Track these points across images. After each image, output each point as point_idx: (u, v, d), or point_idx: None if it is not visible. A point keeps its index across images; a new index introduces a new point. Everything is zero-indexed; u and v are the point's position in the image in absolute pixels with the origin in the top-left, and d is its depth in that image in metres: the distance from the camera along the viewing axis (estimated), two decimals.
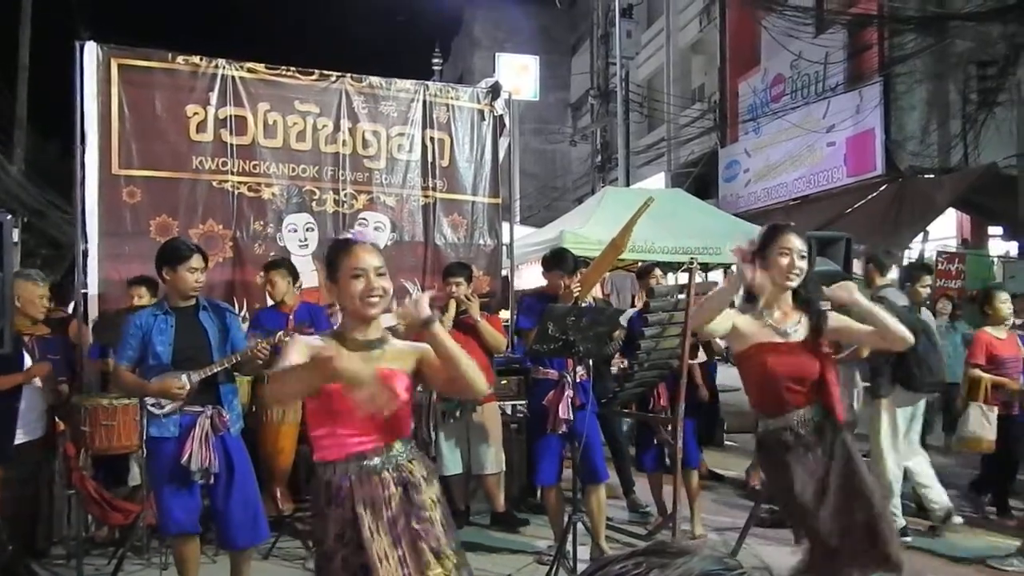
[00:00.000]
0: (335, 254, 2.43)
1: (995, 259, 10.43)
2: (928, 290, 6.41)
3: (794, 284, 3.02)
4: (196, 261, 3.91)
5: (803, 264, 3.01)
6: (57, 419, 4.72)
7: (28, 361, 4.41)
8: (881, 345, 3.26)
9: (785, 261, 2.99)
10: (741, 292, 3.10)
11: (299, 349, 2.33)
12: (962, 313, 8.47)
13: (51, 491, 4.85)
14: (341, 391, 2.24)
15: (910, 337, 3.10)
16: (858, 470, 3.00)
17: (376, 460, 2.37)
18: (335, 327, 2.58)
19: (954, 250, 10.53)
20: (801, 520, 3.00)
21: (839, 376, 3.26)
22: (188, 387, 3.79)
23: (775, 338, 3.00)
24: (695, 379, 5.75)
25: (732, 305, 3.09)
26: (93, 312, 5.44)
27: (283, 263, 5.50)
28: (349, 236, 2.49)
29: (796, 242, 3.01)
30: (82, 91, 5.49)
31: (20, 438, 4.35)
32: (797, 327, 3.03)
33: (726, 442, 8.63)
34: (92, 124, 5.53)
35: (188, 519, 3.84)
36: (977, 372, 5.41)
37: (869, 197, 11.62)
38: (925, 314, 6.06)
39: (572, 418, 4.51)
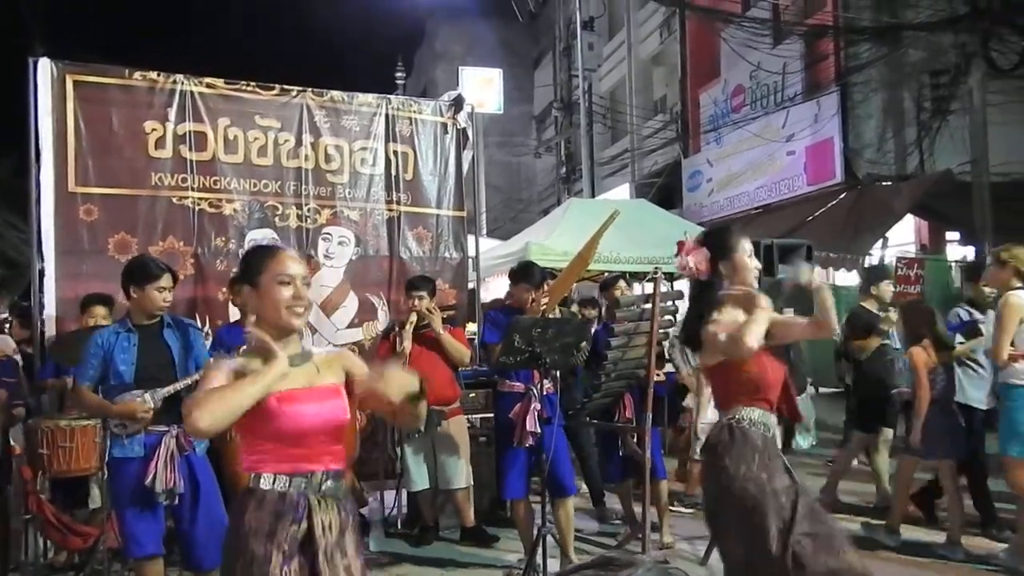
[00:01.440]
0: (259, 257, 2.30)
1: (953, 264, 10.62)
2: (891, 292, 6.50)
3: (756, 285, 3.04)
4: (165, 280, 3.85)
5: (759, 263, 3.06)
6: (12, 442, 4.61)
7: None
8: (814, 336, 3.23)
9: (751, 263, 3.03)
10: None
11: (223, 374, 2.18)
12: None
13: (6, 516, 4.72)
14: (286, 407, 2.17)
15: (836, 327, 3.15)
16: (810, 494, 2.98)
17: (332, 482, 2.27)
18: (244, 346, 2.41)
19: (913, 256, 10.70)
20: (756, 516, 2.83)
21: None
22: (152, 408, 3.72)
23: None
24: None
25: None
26: (51, 332, 5.34)
27: None
28: (275, 244, 2.43)
29: (749, 244, 3.07)
30: (36, 108, 5.42)
31: None
32: None
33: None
34: (47, 141, 5.46)
35: (152, 541, 3.77)
36: None
37: (829, 205, 11.80)
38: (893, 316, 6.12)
39: (539, 431, 4.50)
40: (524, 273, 4.88)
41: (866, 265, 9.91)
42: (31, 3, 13.74)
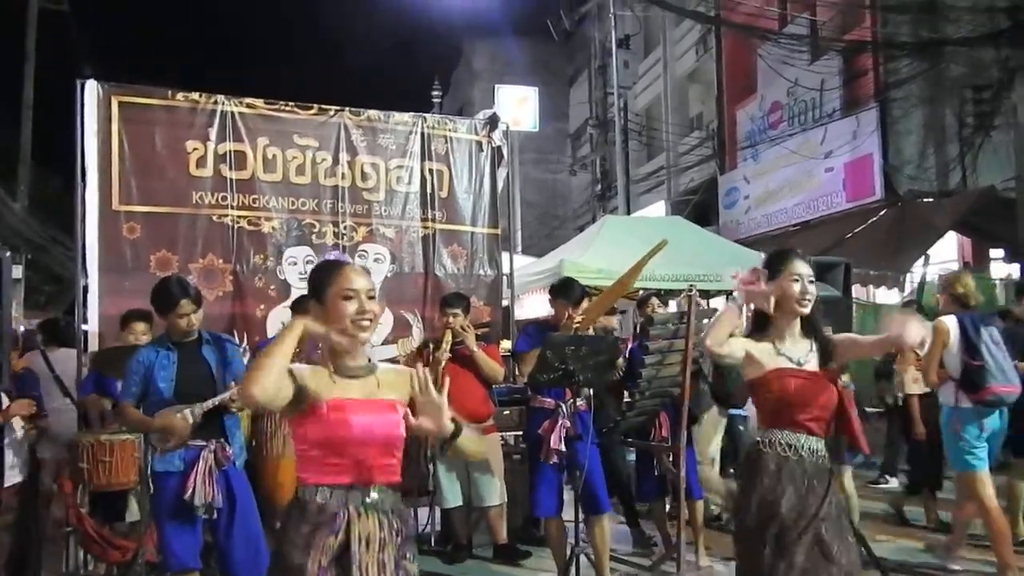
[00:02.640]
0: (325, 272, 2.35)
1: (997, 281, 10.40)
2: None
3: (807, 310, 2.95)
4: (185, 307, 3.88)
5: (813, 289, 2.96)
6: (39, 456, 4.69)
7: (4, 400, 4.38)
8: (884, 351, 3.21)
9: (797, 287, 2.93)
10: (745, 319, 3.08)
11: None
12: None
13: (34, 527, 4.79)
14: (334, 416, 2.22)
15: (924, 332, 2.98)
16: (843, 522, 2.91)
17: (374, 496, 2.28)
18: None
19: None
20: (753, 542, 2.83)
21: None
22: (191, 423, 3.77)
23: (790, 365, 2.94)
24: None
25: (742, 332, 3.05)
26: (93, 348, 5.44)
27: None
28: (334, 257, 2.44)
29: (804, 268, 2.96)
30: (83, 128, 5.57)
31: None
32: (809, 355, 2.97)
33: (731, 470, 8.54)
34: (92, 160, 5.60)
35: (189, 555, 3.81)
36: None
37: (869, 222, 11.64)
38: None
39: (564, 448, 4.48)
40: (563, 289, 4.89)
41: (905, 286, 9.76)
42: (80, 28, 14.14)
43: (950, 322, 4.91)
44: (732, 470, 6.63)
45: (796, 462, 2.88)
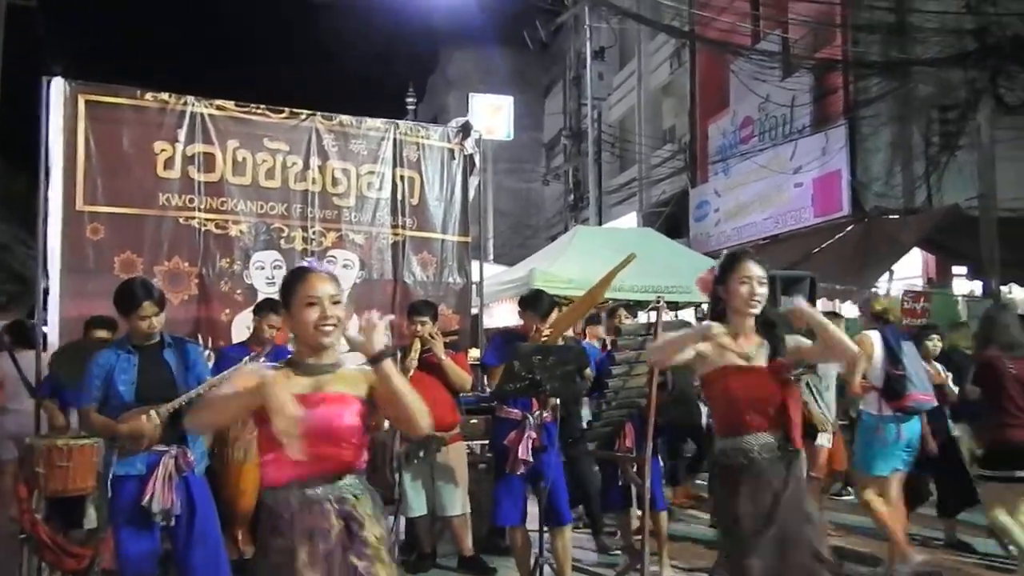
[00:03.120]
0: (290, 282, 2.43)
1: (960, 298, 10.57)
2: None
3: (756, 311, 3.04)
4: (147, 309, 3.82)
5: (763, 291, 3.04)
6: None
7: None
8: (827, 358, 3.34)
9: (745, 289, 3.02)
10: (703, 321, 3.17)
11: (247, 376, 2.32)
12: None
13: None
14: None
15: (854, 348, 3.21)
16: (805, 507, 3.01)
17: (318, 489, 2.32)
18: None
19: (920, 289, 10.66)
20: (736, 551, 2.97)
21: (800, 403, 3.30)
22: (159, 423, 3.71)
23: (739, 361, 3.03)
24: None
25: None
26: (54, 348, 5.34)
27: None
28: (305, 264, 2.49)
29: (755, 269, 3.04)
30: (47, 126, 5.46)
31: None
32: (759, 351, 3.06)
33: (697, 480, 8.58)
34: (57, 159, 5.50)
35: (146, 562, 3.74)
36: None
37: (836, 237, 11.77)
38: None
39: (531, 459, 4.47)
40: (532, 302, 4.90)
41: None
42: (51, 25, 13.93)
43: (874, 336, 5.35)
44: None
45: (747, 465, 2.98)
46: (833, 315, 6.72)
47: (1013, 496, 4.79)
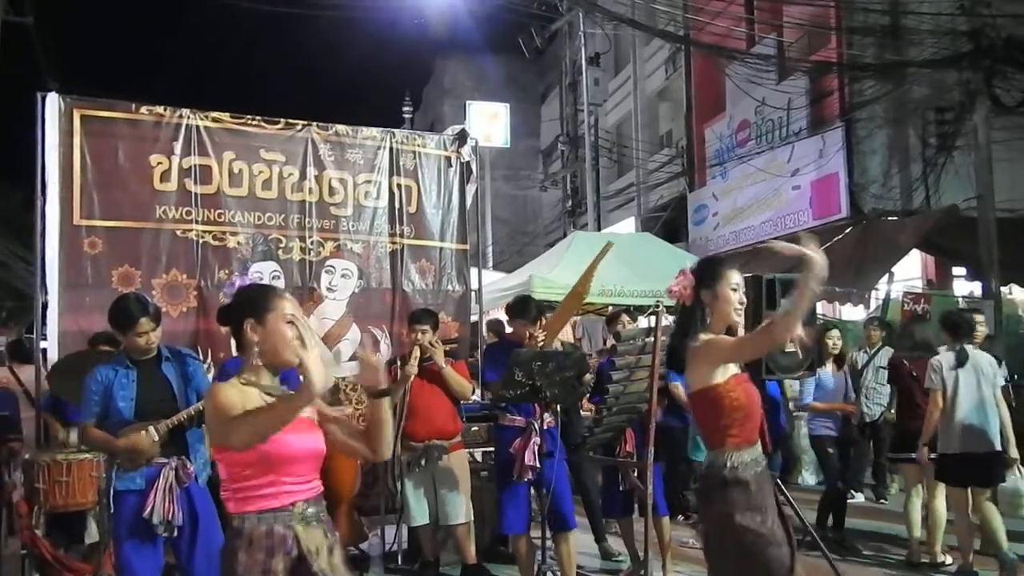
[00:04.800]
0: (267, 297, 2.43)
1: (960, 299, 10.57)
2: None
3: (740, 319, 3.02)
4: (144, 325, 3.81)
5: (744, 297, 3.04)
6: (7, 478, 4.58)
7: None
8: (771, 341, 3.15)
9: (736, 297, 2.99)
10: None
11: (234, 394, 2.32)
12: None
13: None
14: (287, 437, 2.28)
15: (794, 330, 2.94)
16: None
17: (314, 508, 2.40)
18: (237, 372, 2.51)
19: (919, 291, 10.66)
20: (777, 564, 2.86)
21: None
22: (157, 440, 3.70)
23: (738, 370, 2.99)
24: None
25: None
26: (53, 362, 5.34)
27: None
28: (270, 284, 2.57)
29: (738, 277, 3.04)
30: (43, 141, 5.47)
31: None
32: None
33: None
34: (53, 174, 5.50)
35: (149, 575, 3.72)
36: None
37: (835, 239, 11.76)
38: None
39: (539, 466, 4.46)
40: (520, 308, 4.89)
41: (871, 303, 9.89)
42: (47, 41, 13.95)
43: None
44: None
45: (762, 473, 2.92)
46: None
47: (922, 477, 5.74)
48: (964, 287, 11.15)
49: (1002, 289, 9.96)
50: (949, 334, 5.51)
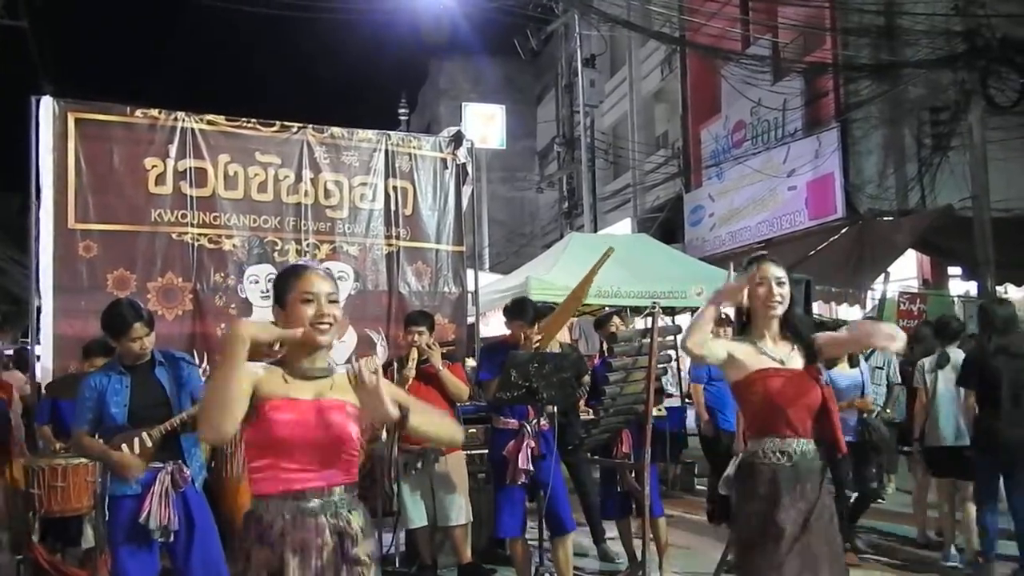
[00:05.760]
0: (285, 278, 2.33)
1: (956, 299, 10.59)
2: None
3: (778, 311, 2.98)
4: (138, 331, 3.78)
5: (782, 290, 2.98)
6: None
7: None
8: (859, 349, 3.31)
9: (763, 291, 2.98)
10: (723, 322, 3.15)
11: (243, 377, 2.19)
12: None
13: None
14: (272, 416, 2.18)
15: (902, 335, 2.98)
16: (834, 523, 2.96)
17: (315, 502, 2.23)
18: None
19: (915, 290, 10.68)
20: (765, 559, 2.84)
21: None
22: (149, 447, 3.68)
23: (773, 364, 2.96)
24: None
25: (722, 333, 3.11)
26: (47, 367, 5.32)
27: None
28: (301, 262, 2.44)
29: (772, 270, 3.00)
30: (38, 145, 5.45)
31: None
32: (792, 355, 3.00)
33: (697, 486, 8.58)
34: (47, 178, 5.48)
35: None
36: None
37: (831, 239, 11.81)
38: None
39: (532, 468, 4.45)
40: (518, 309, 4.87)
41: (867, 303, 9.90)
42: (42, 44, 13.93)
43: None
44: None
45: (790, 468, 2.90)
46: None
47: None
48: (960, 287, 11.17)
49: (997, 288, 9.98)
50: (937, 337, 6.05)
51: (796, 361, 2.99)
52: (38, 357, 5.35)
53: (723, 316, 4.68)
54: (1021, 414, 4.95)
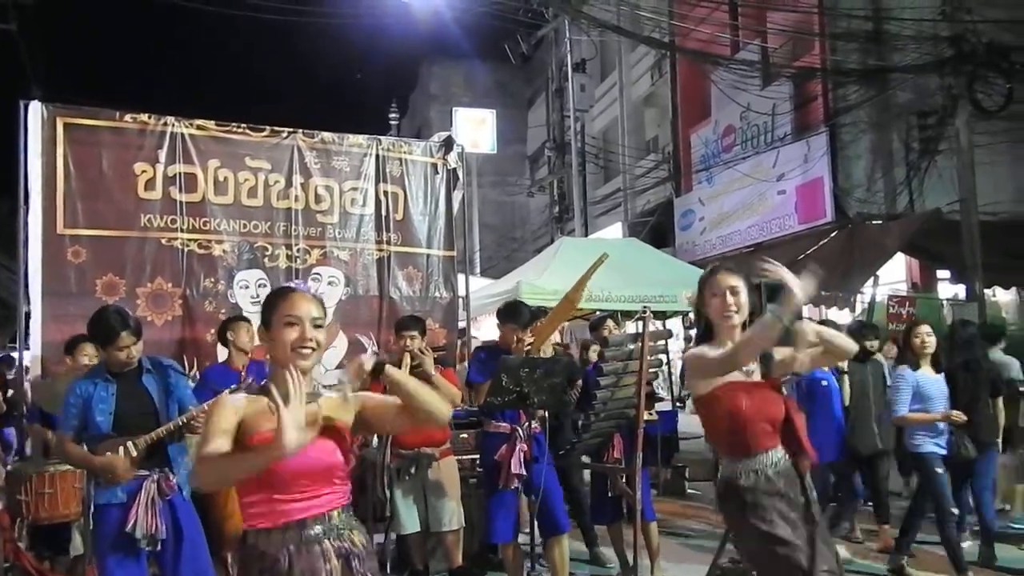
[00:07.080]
0: (272, 299, 2.31)
1: (944, 302, 10.63)
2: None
3: (735, 320, 2.95)
4: (125, 339, 3.74)
5: (738, 299, 2.95)
6: None
7: None
8: (828, 362, 3.28)
9: (717, 302, 2.97)
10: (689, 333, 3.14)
11: (226, 415, 2.16)
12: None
13: None
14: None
15: (853, 346, 3.16)
16: (824, 525, 2.97)
17: (317, 529, 2.21)
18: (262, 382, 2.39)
19: (904, 294, 10.72)
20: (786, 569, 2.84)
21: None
22: (135, 456, 3.65)
23: (740, 377, 2.93)
24: None
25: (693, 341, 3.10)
26: (36, 374, 5.29)
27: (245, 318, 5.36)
28: (291, 284, 2.38)
29: (726, 280, 2.97)
30: (26, 150, 5.43)
31: None
32: (754, 366, 2.97)
33: (688, 490, 8.58)
34: (36, 183, 5.46)
35: None
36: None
37: (820, 243, 11.83)
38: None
39: (524, 473, 4.44)
40: (512, 313, 4.86)
41: (856, 306, 9.93)
42: (28, 47, 13.86)
43: None
44: None
45: (768, 483, 2.89)
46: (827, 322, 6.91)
47: None
48: (948, 290, 11.21)
49: (986, 291, 10.03)
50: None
51: (757, 372, 2.99)
52: (27, 369, 5.31)
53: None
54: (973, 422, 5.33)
